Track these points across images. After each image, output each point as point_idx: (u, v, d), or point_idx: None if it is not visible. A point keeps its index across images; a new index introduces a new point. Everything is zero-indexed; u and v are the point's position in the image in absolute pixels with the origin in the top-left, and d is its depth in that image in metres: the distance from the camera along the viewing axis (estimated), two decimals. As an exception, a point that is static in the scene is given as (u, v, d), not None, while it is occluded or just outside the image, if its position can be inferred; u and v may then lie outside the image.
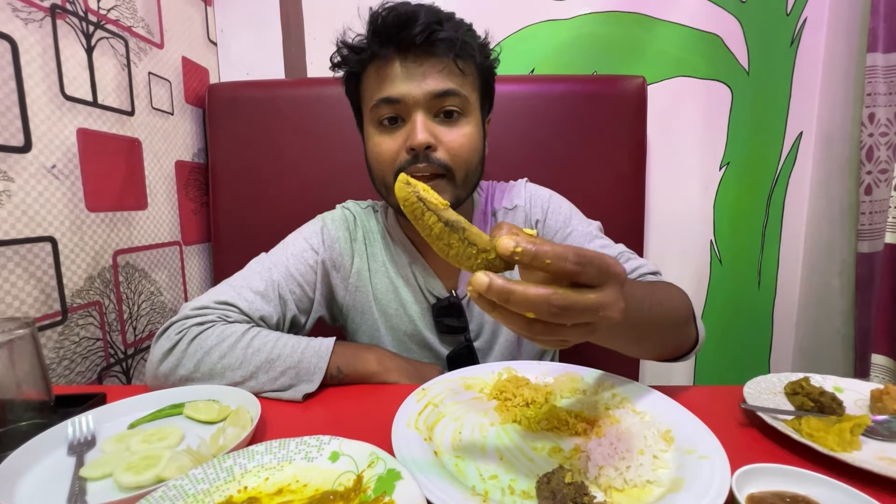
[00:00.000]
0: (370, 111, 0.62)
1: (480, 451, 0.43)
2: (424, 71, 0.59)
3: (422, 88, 0.58)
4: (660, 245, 1.19)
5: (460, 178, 0.62)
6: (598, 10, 1.12)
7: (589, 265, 0.30)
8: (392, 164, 0.61)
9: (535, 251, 0.30)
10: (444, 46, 0.58)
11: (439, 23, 0.58)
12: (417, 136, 0.58)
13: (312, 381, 0.56)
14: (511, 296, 0.29)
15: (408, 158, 0.60)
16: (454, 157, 0.60)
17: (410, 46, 0.58)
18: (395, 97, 0.59)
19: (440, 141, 0.60)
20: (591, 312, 0.30)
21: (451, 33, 0.58)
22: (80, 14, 0.74)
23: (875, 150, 1.01)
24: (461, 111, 0.61)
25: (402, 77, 0.59)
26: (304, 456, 0.40)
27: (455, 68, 0.60)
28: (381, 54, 0.59)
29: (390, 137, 0.61)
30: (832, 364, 1.12)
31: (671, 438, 0.43)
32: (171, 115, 0.99)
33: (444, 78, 0.59)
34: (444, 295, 0.70)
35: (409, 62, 0.59)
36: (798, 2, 1.11)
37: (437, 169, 0.60)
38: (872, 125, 1.00)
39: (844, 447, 0.42)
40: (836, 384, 0.56)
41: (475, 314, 0.71)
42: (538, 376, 0.57)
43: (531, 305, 0.29)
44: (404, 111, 0.60)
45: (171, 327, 0.58)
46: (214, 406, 0.51)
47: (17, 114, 0.64)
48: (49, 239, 0.68)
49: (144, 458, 0.41)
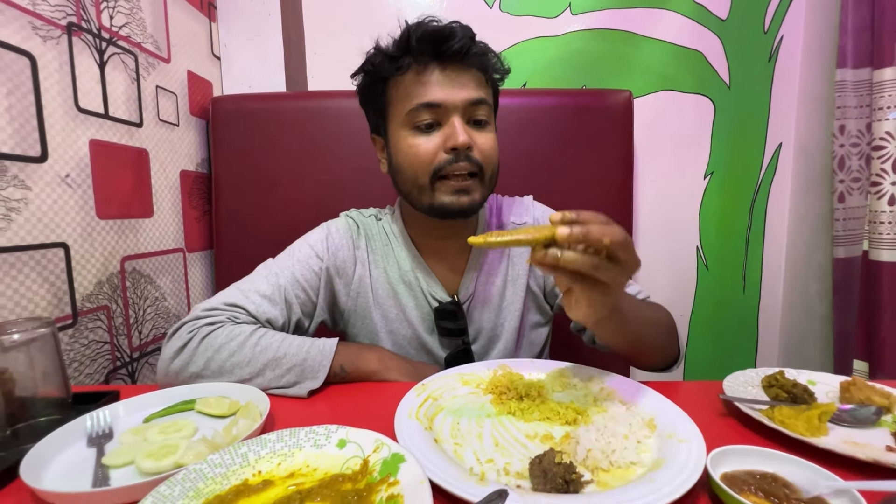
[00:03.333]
0: (406, 115, 0.65)
1: (477, 439, 0.46)
2: (462, 81, 0.64)
3: (460, 96, 0.63)
4: (648, 251, 1.23)
5: (488, 177, 0.67)
6: (586, 28, 1.17)
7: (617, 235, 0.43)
8: (429, 165, 0.64)
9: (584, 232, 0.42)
10: (478, 60, 0.65)
11: (472, 39, 0.65)
12: (460, 137, 0.62)
13: (317, 378, 0.59)
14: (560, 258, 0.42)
15: (448, 158, 0.64)
16: (485, 158, 0.65)
17: (448, 57, 0.63)
18: (437, 102, 0.63)
19: (475, 143, 0.65)
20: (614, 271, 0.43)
21: (483, 49, 0.66)
22: (94, 31, 0.78)
23: (847, 160, 1.06)
24: (488, 119, 0.67)
25: (441, 84, 0.63)
26: (314, 443, 0.43)
27: (483, 80, 0.67)
28: (420, 60, 0.64)
29: (427, 139, 0.65)
30: (814, 366, 1.15)
31: (654, 426, 0.47)
32: (177, 126, 1.02)
33: (477, 88, 0.65)
34: (447, 299, 0.73)
35: (448, 71, 0.64)
36: (775, 20, 1.18)
37: (473, 167, 0.64)
38: (843, 136, 1.06)
39: (813, 432, 0.46)
40: (810, 377, 0.60)
41: (474, 319, 0.74)
42: (531, 373, 0.61)
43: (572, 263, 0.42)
44: (443, 115, 0.64)
45: (183, 326, 0.61)
46: (225, 401, 0.53)
47: (34, 126, 0.67)
48: (62, 245, 0.71)
49: (163, 447, 0.43)
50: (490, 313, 0.74)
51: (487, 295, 0.74)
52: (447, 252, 0.74)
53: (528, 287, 0.75)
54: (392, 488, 0.36)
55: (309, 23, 1.20)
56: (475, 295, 0.74)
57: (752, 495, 0.36)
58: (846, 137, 1.06)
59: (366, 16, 1.18)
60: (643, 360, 0.65)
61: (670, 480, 0.36)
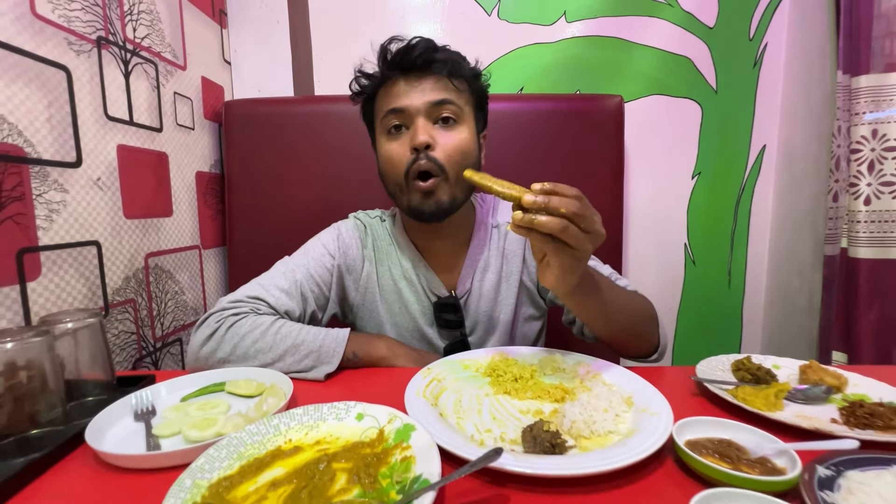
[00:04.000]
0: (380, 122, 0.73)
1: (477, 414, 0.53)
2: (423, 85, 0.70)
3: (421, 99, 0.69)
4: (638, 248, 1.30)
5: (453, 177, 0.70)
6: (581, 35, 1.23)
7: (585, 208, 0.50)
8: (401, 165, 0.70)
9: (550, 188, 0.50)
10: (439, 66, 0.70)
11: (434, 49, 0.71)
12: (419, 136, 0.68)
13: (332, 363, 0.66)
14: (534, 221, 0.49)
15: (411, 157, 0.69)
16: (448, 157, 0.70)
17: (412, 67, 0.70)
18: (400, 107, 0.70)
19: (437, 142, 0.69)
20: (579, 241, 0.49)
21: (444, 56, 0.71)
22: (120, 44, 0.84)
23: (840, 161, 1.12)
24: (456, 118, 0.71)
25: (405, 91, 0.70)
26: (335, 416, 0.50)
27: (450, 84, 0.71)
28: (389, 76, 0.72)
29: (398, 142, 0.71)
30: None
31: (632, 402, 0.53)
32: (192, 129, 1.08)
33: (440, 90, 0.70)
34: (445, 294, 0.79)
35: (411, 79, 0.70)
36: (759, 28, 1.24)
37: (434, 167, 0.69)
38: (840, 137, 1.12)
39: (769, 408, 0.53)
40: (776, 362, 0.66)
41: (470, 312, 0.81)
42: (525, 358, 0.67)
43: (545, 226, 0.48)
44: (408, 119, 0.70)
45: (211, 317, 0.67)
46: (252, 383, 0.60)
47: (70, 134, 0.73)
48: (95, 243, 0.77)
49: (204, 420, 0.50)
50: (486, 307, 0.81)
51: (483, 290, 0.80)
52: (445, 251, 0.80)
53: (521, 282, 0.82)
54: (405, 451, 0.43)
55: (316, 29, 1.25)
56: (471, 290, 0.80)
57: (709, 456, 0.43)
58: (843, 138, 1.12)
59: (369, 23, 1.24)
60: (625, 346, 0.70)
61: (640, 444, 0.43)
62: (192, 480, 0.39)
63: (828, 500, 0.36)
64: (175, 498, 0.36)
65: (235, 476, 0.41)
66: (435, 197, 0.71)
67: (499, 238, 0.82)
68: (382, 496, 0.38)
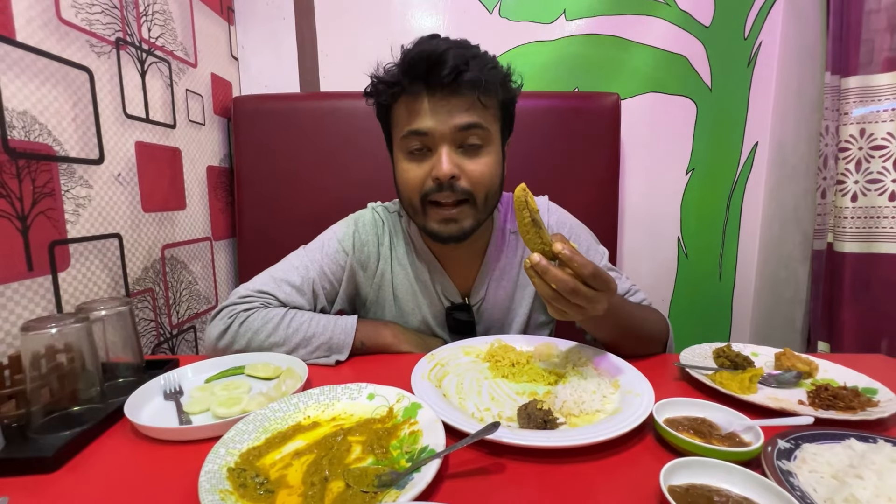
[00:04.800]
0: (400, 140, 0.68)
1: (477, 395, 0.58)
2: (450, 108, 0.64)
3: (447, 124, 0.64)
4: (633, 242, 1.35)
5: (481, 202, 0.68)
6: (580, 33, 1.26)
7: (597, 279, 0.52)
8: (418, 190, 0.68)
9: (570, 257, 0.52)
10: (470, 86, 0.63)
11: (466, 63, 0.63)
12: (443, 168, 0.64)
13: (343, 353, 0.70)
14: (546, 272, 0.52)
15: (433, 186, 0.66)
16: (476, 184, 0.67)
17: (438, 85, 0.63)
18: (423, 130, 0.65)
19: (463, 171, 0.66)
20: (587, 301, 0.53)
21: (476, 74, 0.63)
22: (137, 44, 0.87)
23: (829, 159, 1.17)
24: (482, 143, 0.67)
25: (429, 112, 0.65)
26: (349, 396, 0.55)
27: (478, 104, 0.65)
28: (410, 90, 0.65)
29: (417, 166, 0.67)
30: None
31: (618, 385, 0.59)
32: (203, 125, 1.12)
33: (468, 113, 0.65)
34: (459, 301, 0.80)
35: (436, 99, 0.64)
36: (754, 28, 1.27)
37: (461, 196, 0.67)
38: (828, 136, 1.17)
39: (744, 391, 0.58)
40: (754, 350, 0.71)
41: (483, 319, 0.81)
42: (522, 346, 0.72)
43: (556, 281, 0.52)
44: (431, 143, 0.66)
45: (223, 311, 0.71)
46: (270, 366, 0.65)
47: (94, 132, 0.77)
48: (116, 235, 0.82)
49: (230, 398, 0.55)
50: (499, 314, 0.81)
51: (497, 298, 0.80)
52: (461, 257, 0.78)
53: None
54: (413, 426, 0.48)
55: (321, 26, 1.28)
56: (486, 298, 0.80)
57: (685, 432, 0.48)
58: (830, 137, 1.16)
59: (374, 21, 1.27)
60: (629, 356, 0.70)
61: (623, 420, 0.48)
62: (226, 449, 0.44)
63: (783, 468, 0.41)
64: (212, 463, 0.42)
65: (262, 447, 0.46)
66: (458, 224, 0.68)
67: (517, 245, 0.81)
68: (393, 464, 0.44)
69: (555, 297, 0.53)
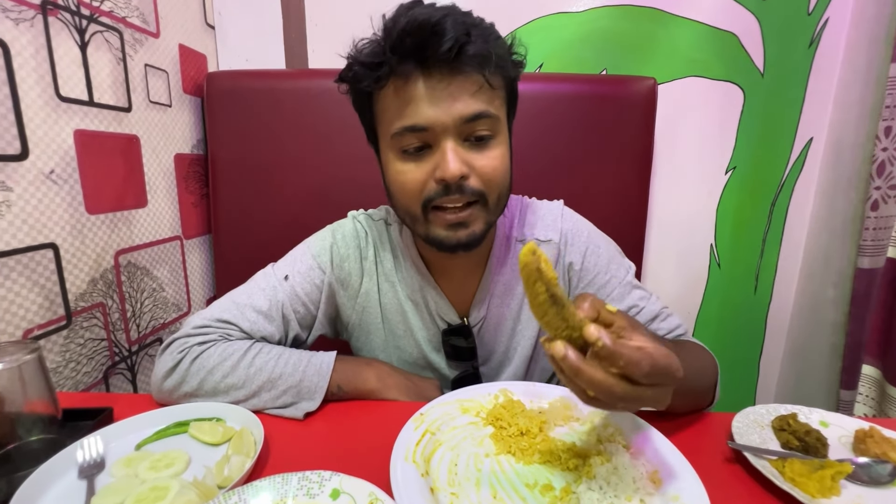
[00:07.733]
0: (391, 138, 0.55)
1: (475, 486, 0.45)
2: (452, 92, 0.51)
3: (451, 114, 0.51)
4: (659, 246, 1.19)
5: (493, 202, 0.57)
6: (611, 4, 1.07)
7: (657, 375, 0.35)
8: (419, 195, 0.55)
9: (613, 351, 0.34)
10: (475, 62, 0.50)
11: (467, 34, 0.49)
12: (450, 168, 0.52)
13: (314, 400, 0.58)
14: (579, 373, 0.35)
15: (438, 189, 0.54)
16: (488, 182, 0.55)
17: (436, 64, 0.50)
18: (422, 125, 0.52)
19: (473, 168, 0.54)
20: (640, 403, 0.37)
21: (482, 46, 0.50)
22: (73, 9, 0.71)
23: (888, 166, 0.99)
24: (492, 132, 0.55)
25: (427, 100, 0.51)
26: (307, 492, 0.42)
27: (485, 83, 0.52)
28: (400, 71, 0.51)
29: (416, 166, 0.55)
30: (819, 372, 1.14)
31: (658, 480, 0.45)
32: (169, 107, 0.96)
33: (475, 99, 0.52)
34: (456, 322, 0.68)
35: (434, 81, 0.51)
36: (821, 1, 1.07)
37: (471, 197, 0.55)
38: (888, 139, 0.98)
39: (824, 493, 0.44)
40: (823, 418, 0.57)
41: (485, 342, 0.70)
42: (533, 400, 0.59)
43: (594, 386, 0.35)
44: (432, 138, 0.53)
45: (174, 344, 0.59)
46: (218, 428, 0.52)
47: (12, 121, 0.62)
48: (51, 245, 0.68)
49: (153, 490, 0.42)
50: (503, 337, 0.69)
51: (501, 318, 0.68)
52: (458, 270, 0.67)
53: None
54: (385, 557, 0.35)
55: (310, -10, 1.10)
56: (487, 318, 0.68)
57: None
58: (891, 140, 0.98)
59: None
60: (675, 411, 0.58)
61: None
62: None
63: None
64: None
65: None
66: (469, 229, 0.56)
67: None
68: None
69: (594, 402, 0.37)
